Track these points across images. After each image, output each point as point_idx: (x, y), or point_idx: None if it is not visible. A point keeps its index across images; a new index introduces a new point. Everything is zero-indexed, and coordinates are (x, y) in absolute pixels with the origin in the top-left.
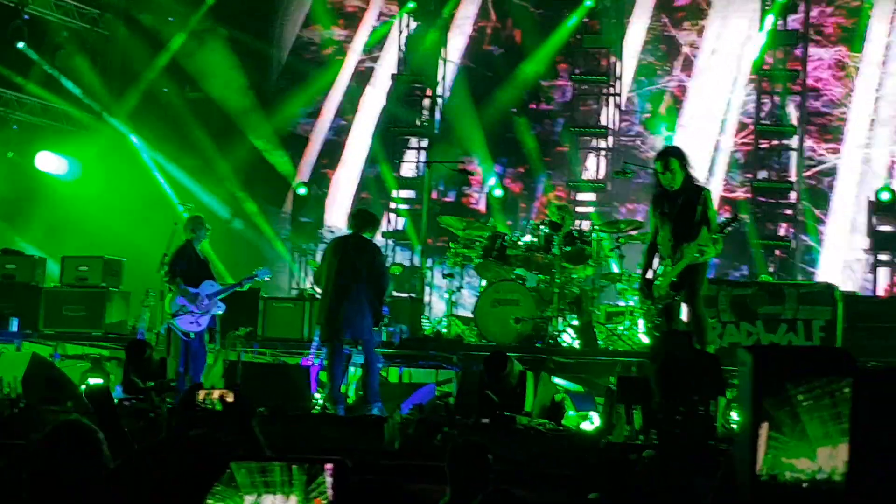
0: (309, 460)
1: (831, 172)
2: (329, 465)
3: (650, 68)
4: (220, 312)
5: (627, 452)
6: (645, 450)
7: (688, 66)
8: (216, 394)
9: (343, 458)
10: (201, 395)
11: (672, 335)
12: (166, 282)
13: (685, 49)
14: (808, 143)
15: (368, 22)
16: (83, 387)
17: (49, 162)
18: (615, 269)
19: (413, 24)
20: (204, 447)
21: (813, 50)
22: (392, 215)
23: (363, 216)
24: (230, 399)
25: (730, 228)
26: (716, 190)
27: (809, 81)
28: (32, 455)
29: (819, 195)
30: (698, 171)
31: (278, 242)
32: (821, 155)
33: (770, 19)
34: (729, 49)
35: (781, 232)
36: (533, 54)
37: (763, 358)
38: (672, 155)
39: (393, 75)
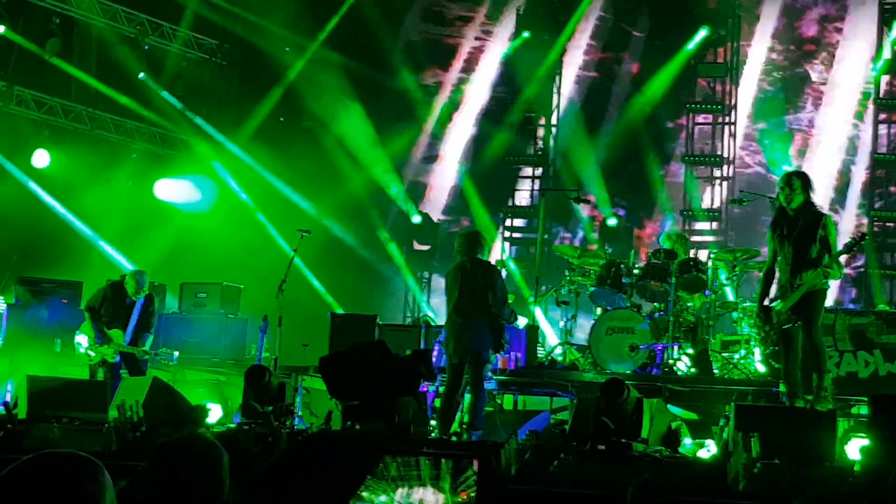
0: (457, 456)
1: None
2: (475, 461)
3: (775, 103)
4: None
5: None
6: None
7: (810, 100)
8: None
9: (489, 454)
10: None
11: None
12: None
13: (808, 83)
14: None
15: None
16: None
17: (168, 190)
18: (731, 297)
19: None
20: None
21: None
22: (506, 244)
23: (470, 239)
24: None
25: (856, 249)
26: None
27: None
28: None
29: None
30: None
31: (407, 271)
32: None
33: (888, 46)
34: (852, 79)
35: None
36: (648, 84)
37: None
38: (795, 175)
39: (495, 99)
